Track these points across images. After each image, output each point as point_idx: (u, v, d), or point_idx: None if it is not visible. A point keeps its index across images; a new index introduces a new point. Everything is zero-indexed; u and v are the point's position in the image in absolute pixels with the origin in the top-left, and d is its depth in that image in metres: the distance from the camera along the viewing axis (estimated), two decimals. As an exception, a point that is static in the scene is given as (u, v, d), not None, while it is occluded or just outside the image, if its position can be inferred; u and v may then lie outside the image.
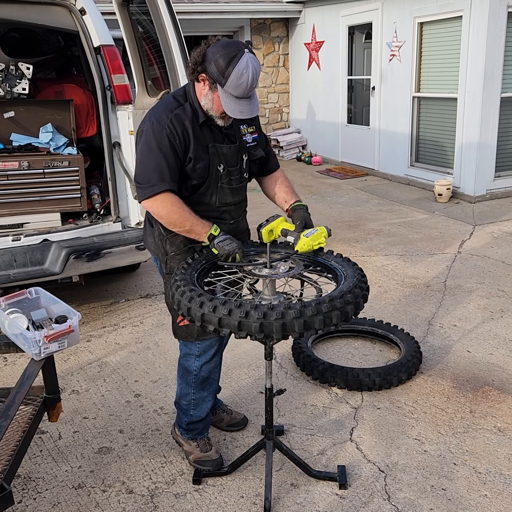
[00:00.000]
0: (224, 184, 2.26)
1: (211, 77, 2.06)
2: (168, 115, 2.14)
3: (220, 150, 2.22)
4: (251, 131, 2.34)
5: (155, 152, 2.13)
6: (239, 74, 1.99)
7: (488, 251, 5.20)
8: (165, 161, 2.13)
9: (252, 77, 2.01)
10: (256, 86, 2.08)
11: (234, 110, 2.07)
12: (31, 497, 2.39)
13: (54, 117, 3.99)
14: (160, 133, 2.12)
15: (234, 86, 2.02)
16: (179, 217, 2.16)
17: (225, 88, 2.03)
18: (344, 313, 1.88)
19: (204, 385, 2.47)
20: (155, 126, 2.14)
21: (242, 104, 2.07)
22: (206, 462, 2.51)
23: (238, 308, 1.81)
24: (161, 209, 2.18)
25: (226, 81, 2.01)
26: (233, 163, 2.27)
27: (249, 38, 10.25)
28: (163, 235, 2.32)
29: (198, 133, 2.18)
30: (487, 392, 3.03)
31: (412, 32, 7.47)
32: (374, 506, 2.29)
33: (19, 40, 4.67)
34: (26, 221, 3.78)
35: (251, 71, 2.00)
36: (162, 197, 2.15)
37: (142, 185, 2.18)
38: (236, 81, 2.00)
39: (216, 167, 2.22)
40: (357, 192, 7.78)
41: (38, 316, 2.21)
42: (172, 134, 2.12)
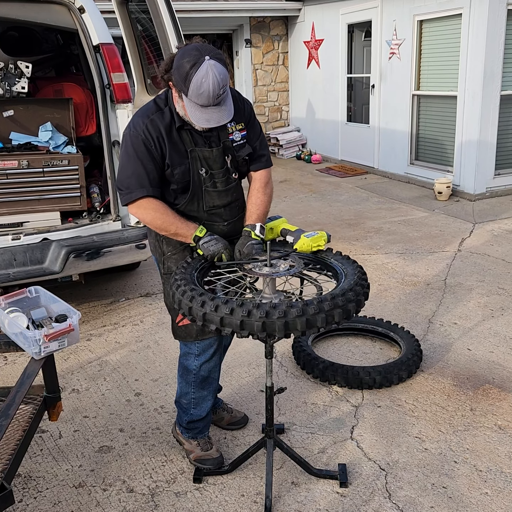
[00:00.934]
0: (208, 187, 2.23)
1: (176, 85, 2.04)
2: (144, 121, 2.13)
3: (201, 153, 2.19)
4: (239, 128, 2.27)
5: (132, 158, 2.14)
6: (198, 83, 1.93)
7: (488, 249, 5.19)
8: (143, 167, 2.13)
9: (213, 85, 1.93)
10: (225, 92, 2.00)
11: (199, 119, 2.03)
12: (31, 496, 2.39)
13: (54, 116, 3.98)
14: (136, 139, 2.13)
15: (196, 95, 1.96)
16: (163, 222, 2.18)
17: (189, 97, 1.99)
18: (346, 311, 1.88)
19: (204, 384, 2.47)
20: (132, 132, 2.14)
21: (208, 113, 2.01)
22: (207, 461, 2.51)
23: (240, 307, 1.80)
24: (145, 215, 2.20)
25: (187, 90, 1.97)
26: (217, 166, 2.23)
27: (249, 36, 10.25)
28: (159, 236, 2.33)
29: (176, 138, 2.16)
30: (488, 390, 3.03)
31: (412, 30, 7.46)
32: (375, 504, 2.29)
33: (18, 39, 4.66)
34: (26, 220, 3.78)
35: (211, 79, 1.93)
36: (143, 203, 2.16)
37: (122, 191, 2.19)
38: (197, 91, 1.95)
39: (198, 171, 2.20)
40: (357, 190, 7.78)
41: (38, 315, 2.21)
42: (148, 140, 2.12)
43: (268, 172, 2.40)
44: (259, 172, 2.38)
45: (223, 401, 2.85)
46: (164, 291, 2.41)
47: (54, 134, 3.93)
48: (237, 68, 10.77)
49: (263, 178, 2.38)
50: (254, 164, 2.36)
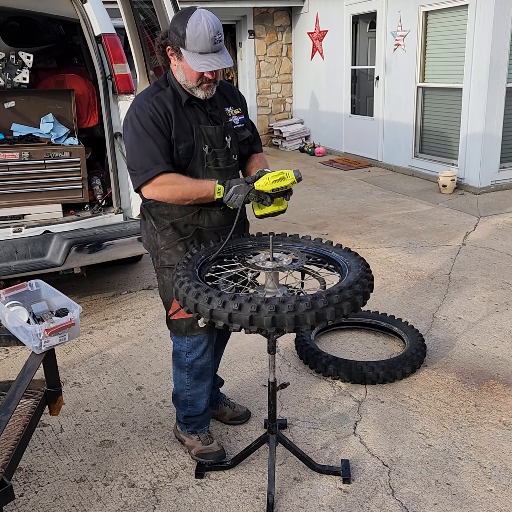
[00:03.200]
0: (210, 165, 2.22)
1: (174, 44, 2.08)
2: (149, 99, 2.15)
3: (205, 131, 2.20)
4: (237, 113, 2.33)
5: (143, 137, 2.13)
6: (193, 27, 2.00)
7: (493, 243, 5.15)
8: (155, 143, 2.12)
9: (208, 27, 2.00)
10: (221, 40, 2.05)
11: (200, 64, 2.05)
12: (32, 491, 2.38)
13: (55, 107, 3.95)
14: (144, 117, 2.13)
15: (193, 41, 2.02)
16: (183, 193, 2.15)
17: (187, 48, 2.04)
18: (354, 304, 1.86)
19: (198, 382, 2.46)
20: (138, 111, 2.15)
21: (208, 58, 2.05)
22: (208, 455, 2.49)
23: (248, 302, 1.78)
24: (163, 192, 2.17)
25: (184, 39, 2.02)
26: (219, 144, 2.24)
27: (252, 27, 10.17)
28: (154, 229, 2.31)
29: (181, 115, 2.17)
30: (492, 385, 3.01)
31: (417, 21, 7.38)
32: (378, 501, 2.27)
33: (19, 29, 4.61)
34: (27, 212, 3.76)
35: (205, 21, 2.00)
36: (160, 180, 2.14)
37: (136, 171, 2.16)
38: (193, 35, 2.01)
39: (201, 148, 2.20)
40: (360, 183, 7.73)
41: (39, 309, 2.18)
42: (155, 116, 2.12)
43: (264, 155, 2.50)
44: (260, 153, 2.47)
45: (225, 396, 2.84)
46: (158, 284, 2.41)
47: (55, 125, 3.90)
48: (240, 60, 10.70)
49: (263, 155, 2.48)
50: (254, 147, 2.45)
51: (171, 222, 2.27)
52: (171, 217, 2.28)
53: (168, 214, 2.28)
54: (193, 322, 2.32)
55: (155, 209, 2.30)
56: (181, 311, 2.30)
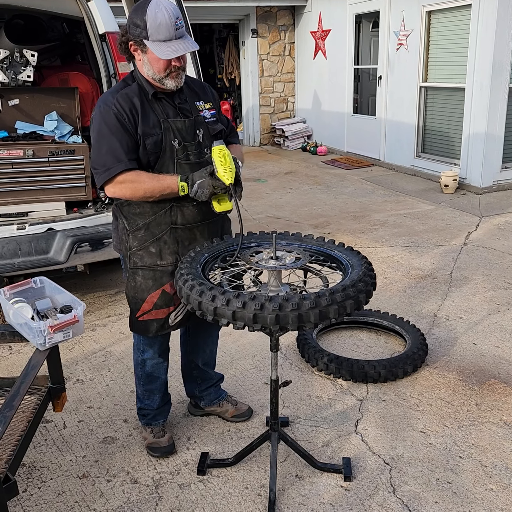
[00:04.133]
0: (181, 159, 2.20)
1: (136, 38, 2.07)
2: (114, 95, 2.15)
3: (174, 124, 2.18)
4: (208, 107, 2.31)
5: (106, 135, 2.12)
6: (153, 15, 2.00)
7: (494, 243, 5.16)
8: (117, 141, 2.11)
9: (168, 13, 2.01)
10: (183, 26, 2.05)
11: (167, 52, 2.05)
12: (35, 486, 2.40)
13: (59, 105, 3.96)
14: (107, 114, 2.12)
15: (155, 30, 2.01)
16: (144, 191, 2.14)
17: (151, 38, 2.04)
18: (357, 302, 1.87)
19: (150, 379, 2.53)
20: (102, 108, 2.14)
21: (174, 45, 2.05)
22: (156, 449, 2.55)
23: (252, 300, 1.79)
24: (124, 191, 2.16)
25: (146, 30, 2.02)
26: (190, 138, 2.22)
27: (255, 26, 10.17)
28: (127, 229, 2.29)
29: (148, 109, 2.16)
30: (493, 385, 3.01)
31: (420, 21, 7.38)
32: (379, 499, 2.28)
33: (23, 27, 4.62)
34: (31, 210, 3.77)
35: (164, 8, 2.00)
36: (121, 178, 2.12)
37: (98, 170, 2.15)
38: (155, 23, 2.01)
39: (171, 142, 2.17)
40: (362, 182, 7.74)
41: (43, 305, 2.19)
42: (120, 112, 2.11)
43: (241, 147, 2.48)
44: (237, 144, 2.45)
45: (227, 393, 2.85)
46: (128, 284, 2.38)
47: (59, 123, 3.91)
48: (243, 59, 10.70)
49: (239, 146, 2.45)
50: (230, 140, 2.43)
51: (143, 223, 2.25)
52: (144, 216, 2.24)
53: (140, 212, 2.25)
54: (164, 321, 2.35)
55: (127, 208, 2.27)
56: (153, 312, 2.32)
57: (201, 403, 2.79)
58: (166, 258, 2.29)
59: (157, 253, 2.28)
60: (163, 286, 2.31)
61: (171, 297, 2.33)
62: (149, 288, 2.32)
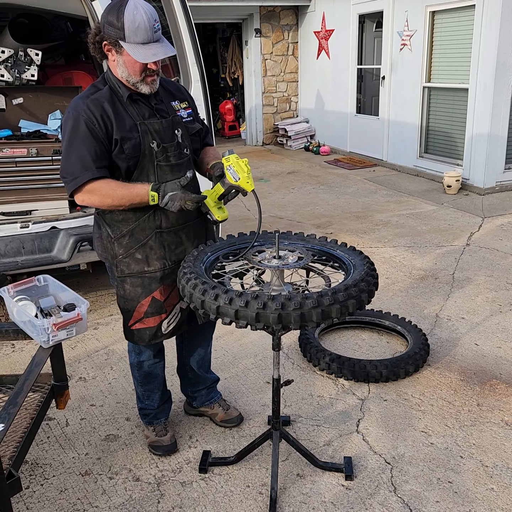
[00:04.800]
0: (161, 162, 2.16)
1: (111, 38, 2.01)
2: (84, 101, 2.07)
3: (151, 126, 2.14)
4: (184, 106, 2.29)
5: (75, 142, 2.06)
6: (131, 17, 1.94)
7: (497, 243, 5.16)
8: (86, 149, 2.04)
9: (146, 15, 1.95)
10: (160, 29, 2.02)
11: (145, 55, 2.00)
12: (38, 483, 2.41)
13: (63, 104, 3.98)
14: (77, 122, 2.05)
15: (134, 32, 1.96)
16: (112, 200, 2.09)
17: (128, 40, 1.98)
18: (359, 301, 1.88)
19: (149, 379, 2.53)
20: (72, 114, 2.07)
21: (152, 48, 2.00)
22: (158, 448, 2.56)
23: (255, 299, 1.79)
24: (92, 199, 2.11)
25: (123, 32, 1.96)
26: (168, 138, 2.18)
27: (258, 26, 10.18)
28: (111, 237, 2.24)
29: (122, 113, 2.10)
30: (495, 385, 3.02)
31: (424, 21, 7.37)
32: (380, 498, 2.29)
33: (28, 26, 4.64)
34: (34, 208, 3.78)
35: (142, 10, 1.95)
36: (89, 187, 2.07)
37: (66, 179, 2.10)
38: (133, 25, 1.95)
39: (149, 144, 2.12)
40: (365, 182, 7.74)
41: (47, 303, 2.21)
42: (90, 119, 2.04)
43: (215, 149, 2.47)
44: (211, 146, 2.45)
45: (221, 396, 2.83)
46: (118, 293, 2.35)
47: (63, 122, 3.92)
48: (246, 58, 10.71)
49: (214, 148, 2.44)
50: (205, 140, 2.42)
51: (127, 229, 2.20)
52: (127, 222, 2.20)
53: (123, 219, 2.20)
54: (157, 330, 2.33)
55: (109, 215, 2.22)
56: (144, 320, 2.30)
57: (193, 403, 2.79)
58: (153, 264, 2.25)
59: (144, 259, 2.23)
60: (152, 293, 2.27)
61: (161, 304, 2.29)
62: (138, 295, 2.28)
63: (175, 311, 2.34)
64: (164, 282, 2.28)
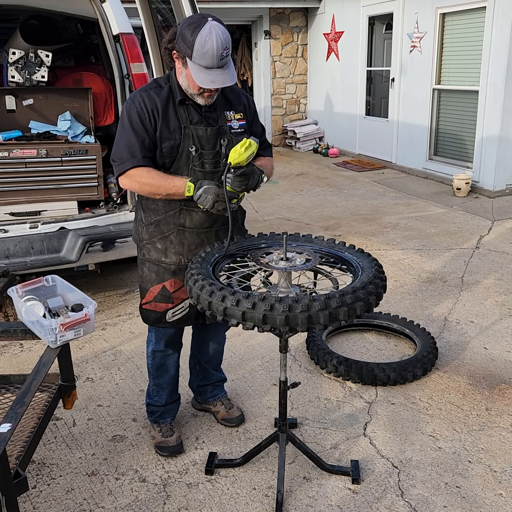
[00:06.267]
0: (196, 166, 2.22)
1: (180, 51, 2.07)
2: (142, 94, 2.19)
3: (195, 131, 2.20)
4: (238, 117, 2.31)
5: (127, 130, 2.18)
6: (202, 41, 1.98)
7: (507, 247, 5.12)
8: (135, 137, 2.16)
9: (217, 44, 1.98)
10: (228, 55, 2.04)
11: (204, 80, 2.05)
12: (45, 483, 2.41)
13: (73, 105, 3.99)
14: (132, 111, 2.17)
15: (200, 56, 2.00)
16: (150, 187, 2.19)
17: (193, 60, 2.03)
18: (367, 304, 1.87)
19: (160, 372, 2.57)
20: (129, 105, 2.20)
21: (212, 74, 2.04)
22: (164, 449, 2.57)
23: (262, 301, 1.79)
24: (133, 184, 2.23)
25: (192, 51, 2.01)
26: (209, 147, 2.23)
27: (268, 27, 10.18)
28: (142, 221, 2.38)
29: (171, 113, 2.18)
30: (504, 390, 2.99)
31: (434, 23, 7.35)
32: (387, 502, 2.27)
33: (38, 28, 4.66)
34: (44, 209, 3.80)
35: (215, 37, 1.98)
36: (132, 172, 2.19)
37: (115, 162, 2.23)
38: (201, 50, 1.99)
39: (188, 148, 2.20)
40: (374, 185, 7.71)
41: (55, 304, 2.21)
42: (142, 111, 2.16)
43: (272, 161, 2.46)
44: (267, 157, 2.41)
45: (226, 395, 2.85)
46: (138, 272, 2.48)
47: (72, 123, 3.94)
48: (255, 60, 10.71)
49: (270, 159, 2.42)
50: (261, 152, 2.38)
51: (155, 219, 2.33)
52: (157, 212, 2.32)
53: (154, 208, 2.32)
54: (161, 315, 2.42)
55: (145, 202, 2.35)
56: (153, 303, 2.42)
57: (198, 398, 2.85)
58: (170, 256, 2.35)
59: (163, 250, 2.35)
60: (163, 282, 2.38)
61: (170, 294, 2.39)
62: (152, 280, 2.40)
63: (183, 305, 2.41)
64: (177, 276, 2.37)
